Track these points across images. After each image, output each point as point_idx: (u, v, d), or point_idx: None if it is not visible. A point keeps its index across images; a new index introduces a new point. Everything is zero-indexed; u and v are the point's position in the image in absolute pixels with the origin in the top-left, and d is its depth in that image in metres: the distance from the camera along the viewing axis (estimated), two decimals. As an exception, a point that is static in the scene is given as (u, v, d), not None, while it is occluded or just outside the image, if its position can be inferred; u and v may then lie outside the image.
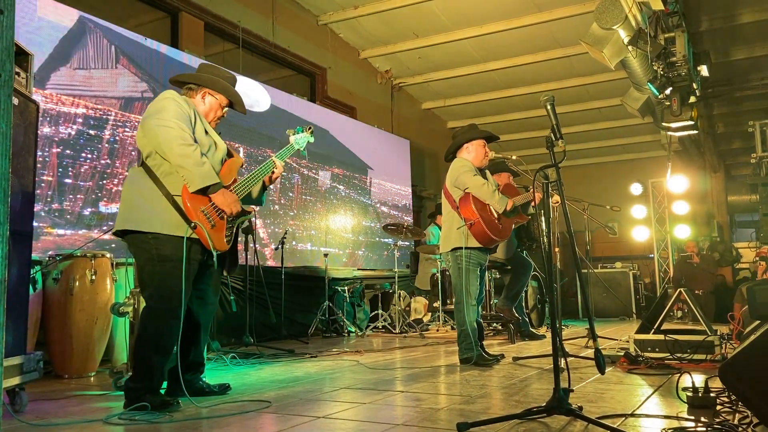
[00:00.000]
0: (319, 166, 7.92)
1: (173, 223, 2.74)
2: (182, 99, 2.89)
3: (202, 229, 2.74)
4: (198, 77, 3.06)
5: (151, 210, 2.74)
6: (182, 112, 2.80)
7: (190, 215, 2.73)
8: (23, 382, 2.62)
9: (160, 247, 2.73)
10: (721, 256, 9.97)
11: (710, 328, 4.07)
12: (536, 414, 2.30)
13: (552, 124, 2.55)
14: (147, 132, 2.76)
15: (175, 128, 2.71)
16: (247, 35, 7.29)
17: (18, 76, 2.78)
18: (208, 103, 3.03)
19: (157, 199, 2.75)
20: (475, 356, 3.97)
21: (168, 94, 2.88)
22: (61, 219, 4.67)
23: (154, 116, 2.76)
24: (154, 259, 2.74)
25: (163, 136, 2.70)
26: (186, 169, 2.72)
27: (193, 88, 3.03)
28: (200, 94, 3.02)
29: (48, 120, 4.67)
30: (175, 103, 2.81)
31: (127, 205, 2.79)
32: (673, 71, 5.86)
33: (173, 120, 2.73)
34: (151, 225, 2.73)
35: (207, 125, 2.98)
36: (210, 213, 2.80)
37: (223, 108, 3.10)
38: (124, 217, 2.79)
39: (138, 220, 2.74)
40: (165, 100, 2.83)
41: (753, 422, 2.10)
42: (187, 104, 2.88)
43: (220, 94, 3.05)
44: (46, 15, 4.77)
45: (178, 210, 2.74)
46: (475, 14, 8.10)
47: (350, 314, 6.90)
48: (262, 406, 2.71)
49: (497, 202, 4.05)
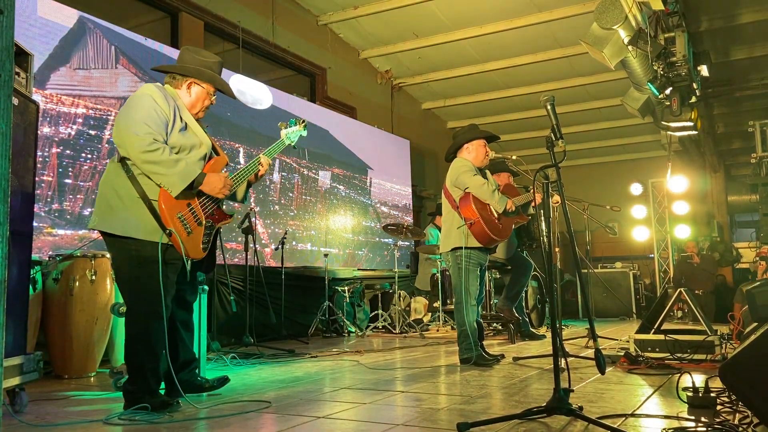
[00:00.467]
0: (319, 166, 7.92)
1: (149, 228, 2.65)
2: (160, 95, 2.75)
3: (177, 237, 2.64)
4: (183, 68, 2.92)
5: (127, 213, 2.65)
6: (154, 114, 2.67)
7: (166, 222, 2.63)
8: (23, 382, 2.62)
9: (139, 249, 2.65)
10: (721, 256, 9.97)
11: (710, 328, 4.07)
12: (536, 414, 2.30)
13: (552, 124, 2.55)
14: (119, 134, 2.67)
15: (140, 134, 2.59)
16: (247, 35, 7.29)
17: (18, 76, 2.78)
18: (194, 93, 2.91)
19: (133, 201, 2.65)
20: (475, 356, 3.97)
21: (145, 89, 2.75)
22: (61, 219, 4.67)
23: (126, 115, 2.66)
24: (134, 261, 2.67)
25: (130, 144, 2.61)
26: (160, 174, 2.62)
27: (177, 77, 2.90)
28: (185, 84, 2.89)
29: (48, 120, 4.67)
30: (149, 103, 2.69)
31: (105, 204, 2.70)
32: (673, 71, 5.85)
33: (140, 124, 2.62)
34: (126, 229, 2.64)
35: (190, 119, 2.86)
36: (187, 219, 2.71)
37: (212, 95, 2.97)
38: (101, 216, 2.70)
39: (114, 224, 2.66)
40: (140, 97, 2.71)
41: (753, 422, 2.10)
42: (165, 100, 2.75)
43: (206, 83, 2.93)
44: (46, 15, 4.77)
45: (154, 215, 2.64)
46: (475, 14, 8.10)
47: (350, 314, 6.90)
48: (263, 406, 2.71)
49: (497, 202, 4.05)
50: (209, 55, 3.00)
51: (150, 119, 2.65)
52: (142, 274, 2.66)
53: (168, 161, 2.63)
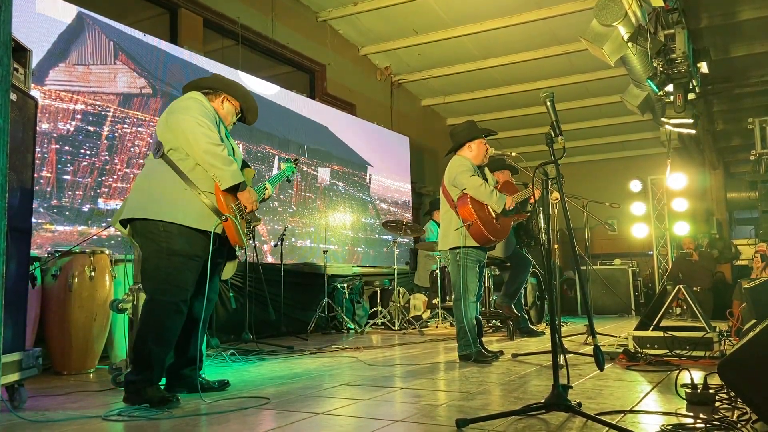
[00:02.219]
0: (318, 163, 7.91)
1: (197, 216, 2.76)
2: (206, 100, 2.95)
3: (234, 221, 2.80)
4: (219, 80, 3.11)
5: (173, 201, 2.75)
6: (208, 114, 2.86)
7: (222, 208, 2.79)
8: (22, 378, 2.63)
9: (170, 241, 2.74)
10: (720, 254, 9.97)
11: (709, 325, 4.08)
12: (535, 410, 2.30)
13: (552, 120, 2.55)
14: (173, 127, 2.79)
15: (203, 126, 2.77)
16: (247, 32, 7.28)
17: (16, 71, 2.77)
18: (225, 108, 3.07)
19: (181, 191, 2.76)
20: (474, 353, 3.97)
21: (193, 94, 2.94)
22: (59, 215, 4.67)
23: (184, 112, 2.80)
24: (163, 252, 2.75)
25: (192, 133, 2.75)
26: (217, 168, 2.77)
27: (211, 92, 3.05)
28: (220, 98, 3.05)
29: (46, 116, 4.66)
30: (200, 104, 2.87)
31: (144, 194, 2.80)
32: (673, 68, 5.85)
33: (201, 118, 2.79)
34: (171, 215, 2.73)
35: (226, 130, 3.05)
36: (237, 210, 2.89)
37: (237, 115, 3.14)
38: (138, 206, 2.79)
39: (152, 209, 2.75)
40: (190, 99, 2.89)
41: (752, 419, 2.11)
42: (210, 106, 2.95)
43: (236, 101, 3.10)
44: (44, 11, 4.76)
45: (207, 204, 2.78)
46: (475, 11, 8.09)
47: (349, 311, 6.90)
48: (262, 403, 2.71)
49: (495, 202, 4.04)
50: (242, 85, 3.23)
51: (205, 116, 2.84)
52: (170, 266, 2.76)
53: (226, 158, 2.80)
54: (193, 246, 2.77)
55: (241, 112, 3.16)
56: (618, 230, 8.00)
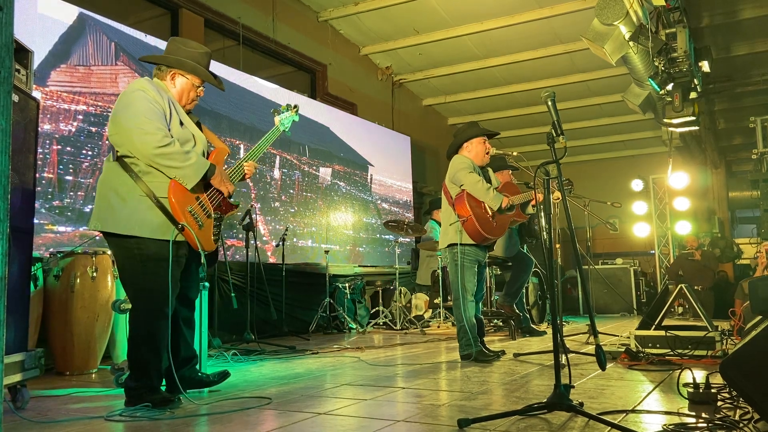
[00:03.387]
0: (319, 163, 7.91)
1: (156, 226, 2.63)
2: (154, 89, 2.72)
3: (190, 230, 2.65)
4: (165, 58, 2.88)
5: (130, 211, 2.62)
6: (154, 108, 2.65)
7: (178, 217, 2.63)
8: (25, 379, 2.63)
9: (142, 247, 2.63)
10: (722, 253, 9.96)
11: (711, 324, 4.07)
12: (537, 410, 2.30)
13: (553, 120, 2.55)
14: (120, 132, 2.64)
15: (150, 132, 2.58)
16: (248, 32, 7.28)
17: (18, 72, 2.78)
18: (179, 84, 2.86)
19: (137, 199, 2.63)
20: (475, 352, 3.97)
21: (138, 84, 2.73)
22: (61, 216, 4.67)
23: (126, 112, 2.63)
24: (136, 259, 2.65)
25: (139, 141, 2.59)
26: (174, 168, 2.63)
27: (162, 69, 2.86)
28: (169, 75, 2.86)
29: (48, 117, 4.66)
30: (143, 97, 2.65)
31: (104, 204, 2.66)
32: (674, 67, 5.83)
33: (145, 120, 2.60)
34: (129, 228, 2.61)
35: (182, 115, 2.82)
36: (197, 213, 2.72)
37: (198, 87, 2.92)
38: (101, 216, 2.66)
39: (116, 223, 2.62)
40: (135, 92, 2.67)
41: (754, 418, 2.10)
42: (159, 93, 2.73)
43: (190, 74, 2.88)
44: (46, 11, 4.77)
45: (163, 211, 2.63)
46: (476, 10, 8.08)
47: (351, 311, 6.90)
48: (263, 403, 2.71)
49: (491, 200, 4.06)
50: (197, 46, 2.96)
51: (151, 113, 2.64)
52: (146, 272, 2.65)
53: (180, 154, 2.64)
54: (165, 249, 2.63)
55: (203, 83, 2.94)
56: (620, 229, 8.00)
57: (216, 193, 2.85)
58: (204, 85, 2.99)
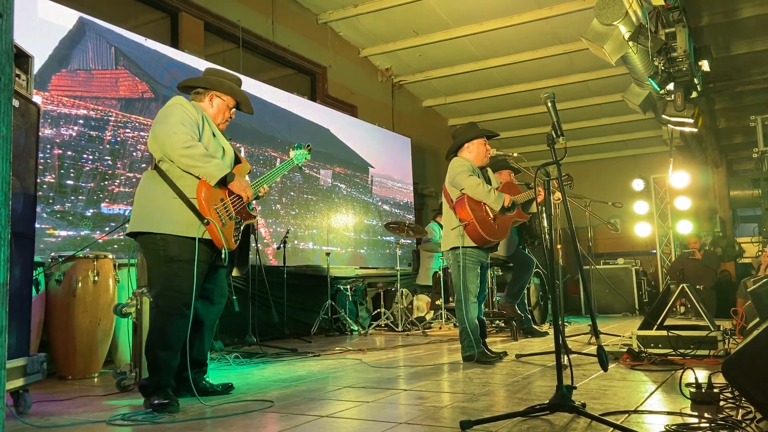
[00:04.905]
0: (320, 165, 7.92)
1: (184, 223, 2.83)
2: (190, 104, 2.98)
3: (215, 225, 2.83)
4: (205, 80, 3.16)
5: (162, 212, 2.84)
6: (188, 117, 2.90)
7: (204, 212, 2.82)
8: (27, 383, 2.63)
9: (167, 248, 2.83)
10: (724, 252, 9.95)
11: (713, 323, 4.07)
12: (539, 411, 2.30)
13: (553, 121, 2.55)
14: (156, 138, 2.88)
15: (179, 133, 2.81)
16: (247, 35, 7.29)
17: (18, 78, 2.78)
18: (216, 105, 3.12)
19: (170, 200, 2.84)
20: (477, 354, 3.97)
21: (176, 100, 2.98)
22: (63, 220, 4.68)
23: (162, 122, 2.87)
24: (161, 260, 2.85)
25: (168, 141, 2.81)
26: (198, 167, 2.82)
27: (200, 92, 3.12)
28: (208, 97, 3.12)
29: (49, 122, 4.67)
30: (181, 109, 2.91)
31: (140, 208, 2.91)
32: (674, 66, 5.83)
33: (178, 125, 2.83)
34: (160, 226, 2.82)
35: (215, 129, 3.08)
36: (221, 212, 2.91)
37: (231, 109, 3.19)
38: (136, 219, 2.90)
39: (148, 222, 2.85)
40: (172, 106, 2.93)
41: (756, 418, 2.10)
42: (195, 109, 2.97)
43: (227, 96, 3.15)
44: (46, 16, 4.78)
45: (192, 209, 2.83)
46: (475, 11, 8.09)
47: (353, 313, 6.90)
48: (266, 406, 2.71)
49: (493, 201, 4.05)
50: (230, 74, 3.27)
51: (184, 121, 2.88)
52: (169, 272, 2.84)
53: (203, 155, 2.84)
54: (189, 251, 2.82)
55: (236, 104, 3.22)
56: (621, 229, 8.00)
57: (237, 199, 3.03)
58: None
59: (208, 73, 3.24)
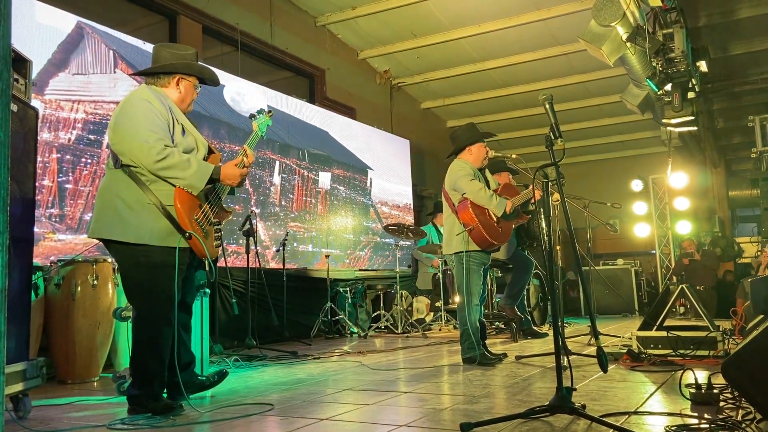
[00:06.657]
0: (319, 168, 7.92)
1: (163, 233, 2.66)
2: (155, 98, 2.75)
3: (197, 238, 2.68)
4: (172, 66, 2.90)
5: (138, 219, 2.65)
6: (157, 119, 2.69)
7: (184, 225, 2.66)
8: (26, 388, 2.63)
9: (149, 255, 2.66)
10: (723, 252, 9.96)
11: (713, 324, 4.07)
12: (539, 413, 2.30)
13: (551, 123, 2.55)
14: (123, 143, 2.66)
15: (151, 142, 2.61)
16: (246, 37, 7.29)
17: (16, 82, 2.78)
18: (183, 88, 2.91)
19: (144, 207, 2.66)
20: (477, 355, 3.97)
21: (140, 93, 2.76)
22: (61, 224, 4.67)
23: (128, 123, 2.66)
24: (142, 266, 2.67)
25: (140, 153, 2.62)
26: (178, 178, 2.66)
27: (162, 77, 2.89)
28: (174, 81, 2.89)
29: (47, 126, 4.67)
30: (148, 108, 2.69)
31: (110, 212, 2.68)
32: (672, 67, 5.84)
33: (148, 132, 2.63)
34: (139, 236, 2.64)
35: (185, 121, 2.87)
36: (202, 220, 2.77)
37: (197, 88, 2.99)
38: (105, 224, 2.68)
39: (124, 231, 2.64)
40: (137, 102, 2.71)
41: (756, 418, 2.10)
42: (161, 104, 2.75)
43: (193, 77, 2.95)
44: (44, 20, 4.78)
45: (170, 219, 2.66)
46: (473, 13, 8.10)
47: (352, 315, 6.89)
48: (265, 409, 2.71)
49: (495, 206, 4.05)
50: (186, 48, 3.01)
51: (155, 125, 2.67)
52: (152, 279, 2.67)
53: (181, 163, 2.66)
54: (172, 256, 2.66)
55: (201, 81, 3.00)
56: (620, 230, 8.00)
57: (214, 201, 2.89)
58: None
59: (162, 53, 2.92)
